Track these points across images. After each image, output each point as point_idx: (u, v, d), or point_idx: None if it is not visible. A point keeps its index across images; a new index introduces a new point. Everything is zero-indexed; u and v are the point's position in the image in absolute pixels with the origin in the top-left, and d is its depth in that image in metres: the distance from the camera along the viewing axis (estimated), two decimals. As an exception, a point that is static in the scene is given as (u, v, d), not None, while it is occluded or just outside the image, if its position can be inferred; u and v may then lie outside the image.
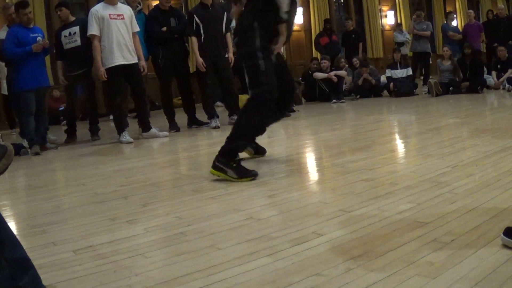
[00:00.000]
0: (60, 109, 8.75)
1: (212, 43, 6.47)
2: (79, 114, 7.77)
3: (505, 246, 1.82)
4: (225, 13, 6.74)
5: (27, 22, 5.53)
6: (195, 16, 6.47)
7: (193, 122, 6.78)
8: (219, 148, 3.42)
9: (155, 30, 6.40)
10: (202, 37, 6.44)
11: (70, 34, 6.25)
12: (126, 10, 5.92)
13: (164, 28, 6.39)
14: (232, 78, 6.95)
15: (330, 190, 3.03)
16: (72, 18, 6.39)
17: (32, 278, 1.56)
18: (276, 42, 3.54)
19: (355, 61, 10.25)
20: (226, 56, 6.66)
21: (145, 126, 6.13)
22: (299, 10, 12.88)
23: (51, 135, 6.39)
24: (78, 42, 6.19)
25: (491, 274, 1.64)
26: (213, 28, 6.49)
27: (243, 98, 8.24)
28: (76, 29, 6.22)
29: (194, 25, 6.45)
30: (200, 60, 6.41)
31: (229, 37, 6.77)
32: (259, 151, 4.13)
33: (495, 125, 5.21)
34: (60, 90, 8.07)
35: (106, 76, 5.70)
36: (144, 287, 1.77)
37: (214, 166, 3.40)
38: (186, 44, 6.92)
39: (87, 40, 6.05)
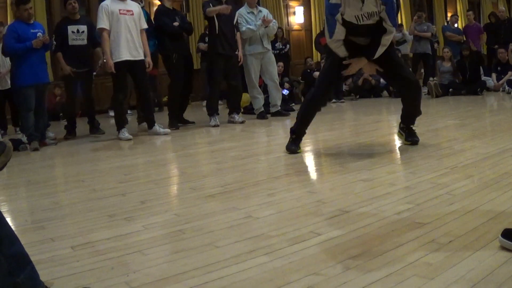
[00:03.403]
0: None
1: (223, 38, 6.45)
2: (78, 111, 7.77)
3: (503, 248, 1.83)
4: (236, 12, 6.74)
5: (28, 17, 5.52)
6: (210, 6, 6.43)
7: (180, 121, 6.77)
8: (218, 146, 3.42)
9: (167, 24, 6.37)
10: (216, 31, 6.42)
11: (78, 31, 6.27)
12: (135, 6, 5.93)
13: (176, 23, 6.38)
14: (239, 77, 6.90)
15: (328, 190, 3.03)
16: (78, 16, 6.41)
17: (30, 274, 1.56)
18: None
19: None
20: (236, 53, 6.64)
21: (149, 123, 6.14)
22: (300, 9, 12.88)
23: (50, 132, 6.38)
24: (85, 42, 6.29)
25: (489, 276, 1.64)
26: (224, 23, 6.46)
27: (243, 98, 8.26)
28: (84, 28, 6.26)
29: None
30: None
31: (238, 35, 6.73)
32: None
33: (494, 127, 5.21)
34: (61, 87, 8.03)
35: (113, 70, 5.71)
36: (142, 284, 1.77)
37: None
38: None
39: (92, 41, 6.29)
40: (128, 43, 5.75)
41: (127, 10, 5.79)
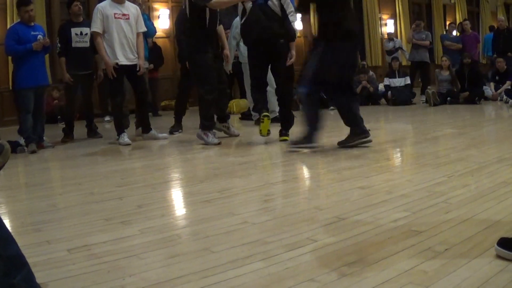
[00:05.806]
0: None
1: (211, 35, 5.52)
2: (77, 113, 7.77)
3: (499, 256, 1.83)
4: None
5: (28, 19, 5.53)
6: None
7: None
8: (215, 151, 3.42)
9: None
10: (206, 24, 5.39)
11: (81, 33, 6.28)
12: (132, 9, 5.84)
13: None
14: (225, 79, 6.02)
15: (325, 197, 3.03)
16: (81, 18, 6.41)
17: (26, 276, 1.56)
18: None
19: (361, 64, 10.32)
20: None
21: (145, 128, 6.12)
22: (298, 16, 12.89)
23: (45, 137, 6.35)
24: (88, 44, 6.26)
25: (484, 284, 1.64)
26: (212, 18, 5.44)
27: (241, 103, 8.26)
28: (87, 30, 6.24)
29: None
30: None
31: (222, 30, 5.86)
32: None
33: (491, 136, 5.23)
34: (60, 89, 8.03)
35: (114, 74, 5.58)
36: (138, 288, 1.77)
37: None
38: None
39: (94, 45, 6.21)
40: (124, 47, 5.68)
41: (123, 14, 5.71)
